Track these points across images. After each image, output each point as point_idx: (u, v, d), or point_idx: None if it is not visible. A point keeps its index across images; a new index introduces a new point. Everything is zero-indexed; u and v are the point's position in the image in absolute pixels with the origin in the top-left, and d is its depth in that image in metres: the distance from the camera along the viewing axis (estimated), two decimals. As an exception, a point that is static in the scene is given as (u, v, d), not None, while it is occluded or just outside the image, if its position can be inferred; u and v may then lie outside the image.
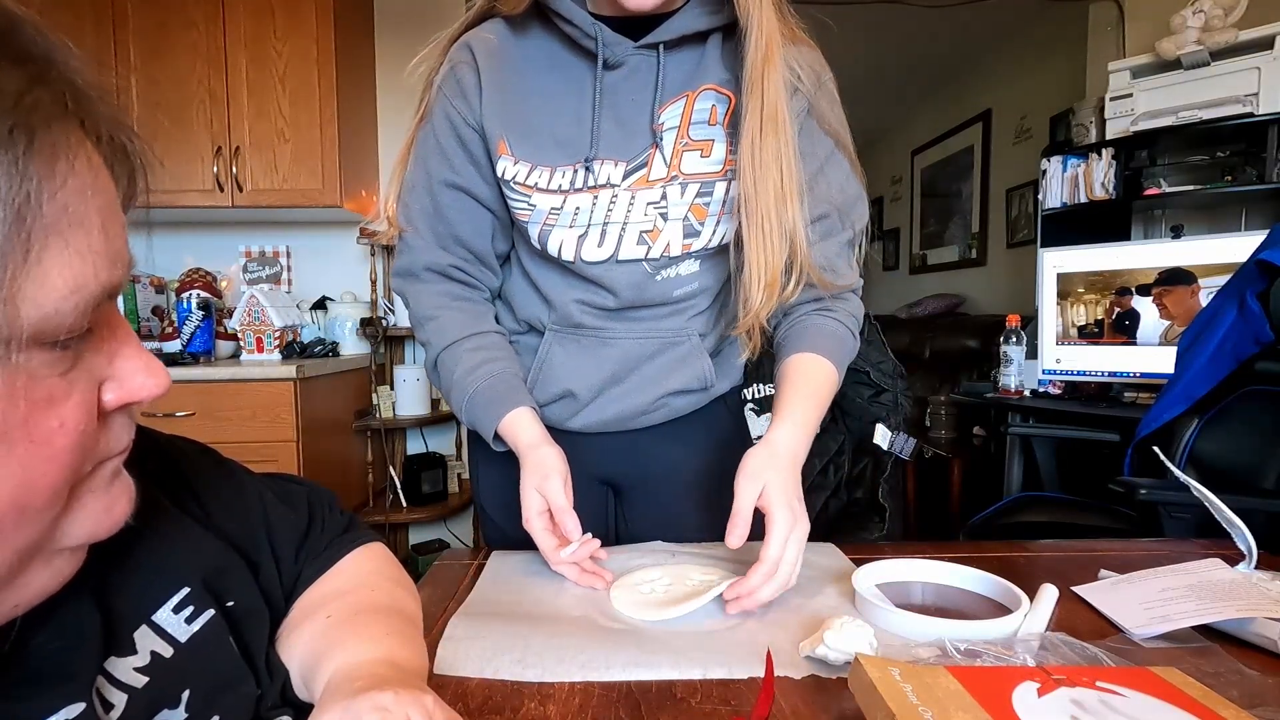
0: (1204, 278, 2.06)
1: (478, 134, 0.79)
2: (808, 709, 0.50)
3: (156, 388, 0.33)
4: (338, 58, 2.37)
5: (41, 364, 0.28)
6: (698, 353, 0.88)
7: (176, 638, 0.40)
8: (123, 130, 0.32)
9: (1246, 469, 1.35)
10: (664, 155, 0.77)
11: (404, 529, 2.85)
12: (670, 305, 0.85)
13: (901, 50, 4.18)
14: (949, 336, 3.77)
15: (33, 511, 0.29)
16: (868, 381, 2.04)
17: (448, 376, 0.83)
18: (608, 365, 0.86)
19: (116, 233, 0.30)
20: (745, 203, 0.74)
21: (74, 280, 0.27)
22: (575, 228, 0.79)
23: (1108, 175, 2.62)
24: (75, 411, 0.29)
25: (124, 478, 0.35)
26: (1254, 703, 0.47)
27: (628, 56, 0.75)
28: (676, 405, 0.90)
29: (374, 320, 2.58)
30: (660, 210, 0.78)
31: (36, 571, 0.31)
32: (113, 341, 0.32)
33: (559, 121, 0.77)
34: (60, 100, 0.28)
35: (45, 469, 0.28)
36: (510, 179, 0.78)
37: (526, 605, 0.69)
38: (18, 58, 0.26)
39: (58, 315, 0.27)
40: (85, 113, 0.29)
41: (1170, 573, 0.70)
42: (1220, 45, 2.33)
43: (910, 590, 0.70)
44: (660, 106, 0.76)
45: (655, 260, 0.81)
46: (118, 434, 0.33)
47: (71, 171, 0.27)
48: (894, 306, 4.66)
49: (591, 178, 0.77)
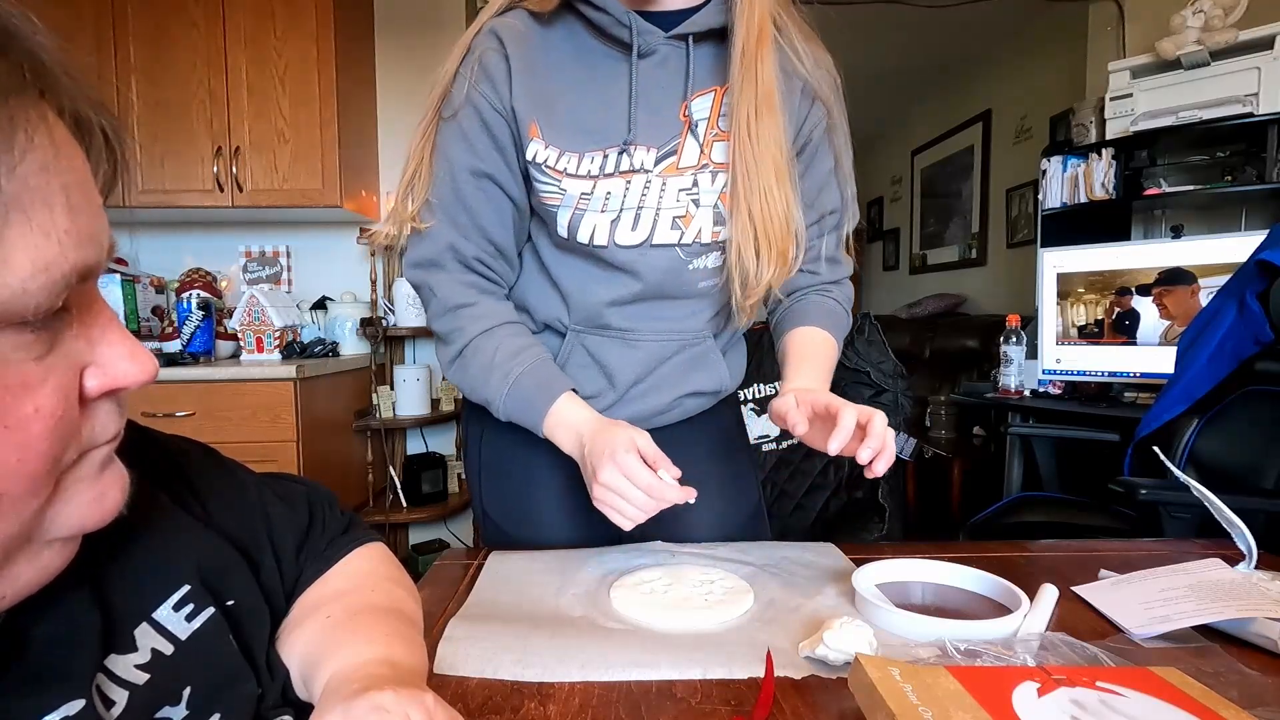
0: (1204, 278, 2.06)
1: (504, 119, 0.78)
2: (808, 709, 0.50)
3: (141, 373, 0.32)
4: (338, 58, 2.37)
5: (12, 348, 0.27)
6: (714, 354, 0.91)
7: (177, 635, 0.39)
8: (96, 107, 0.31)
9: (1246, 469, 1.35)
10: (698, 142, 0.79)
11: (404, 529, 2.85)
12: (690, 301, 0.86)
13: (901, 50, 4.17)
14: (949, 336, 3.77)
15: (11, 499, 0.28)
16: (868, 381, 2.05)
17: (484, 360, 0.79)
18: (631, 368, 0.87)
19: (89, 213, 0.29)
20: (747, 180, 0.76)
21: (40, 258, 0.26)
22: (607, 212, 0.79)
23: (1108, 175, 2.62)
24: (51, 397, 0.28)
25: (116, 467, 0.34)
26: (1254, 703, 0.47)
27: (659, 45, 0.77)
28: (689, 406, 0.92)
29: (374, 320, 2.58)
30: (692, 196, 0.80)
31: (24, 563, 0.30)
32: (94, 327, 0.31)
33: (587, 109, 0.78)
34: (18, 72, 0.26)
35: (22, 456, 0.27)
36: (541, 163, 0.78)
37: (526, 605, 0.69)
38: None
39: (25, 294, 0.26)
40: (48, 86, 0.28)
41: (1170, 573, 0.70)
42: (1220, 45, 2.33)
43: (910, 590, 0.70)
44: (691, 96, 0.78)
45: (688, 246, 0.82)
46: (104, 422, 0.32)
47: (30, 146, 0.26)
48: (894, 306, 4.66)
49: (627, 160, 0.78)
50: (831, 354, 0.85)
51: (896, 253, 5.79)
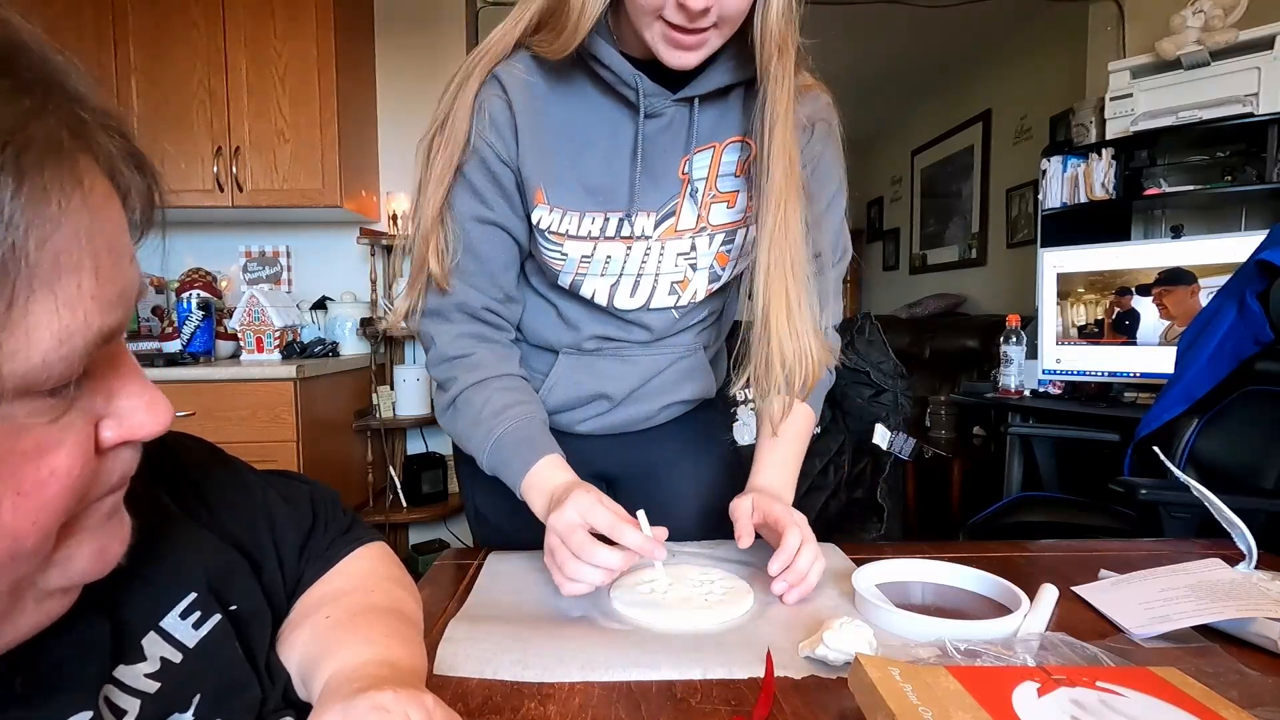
0: (1204, 278, 2.06)
1: (511, 170, 0.77)
2: (808, 709, 0.50)
3: (156, 426, 0.31)
4: (338, 58, 2.37)
5: (29, 414, 0.26)
6: (703, 366, 0.93)
7: (185, 643, 0.39)
8: (136, 156, 0.31)
9: (1246, 469, 1.35)
10: (695, 205, 0.78)
11: (404, 529, 2.85)
12: (683, 335, 0.89)
13: (901, 50, 4.18)
14: (949, 336, 3.77)
15: (21, 558, 0.28)
16: (868, 381, 2.05)
17: (472, 413, 0.78)
18: (624, 381, 0.88)
19: (118, 272, 0.28)
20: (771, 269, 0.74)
21: (63, 330, 0.26)
22: (607, 276, 0.80)
23: (1108, 175, 2.62)
24: (68, 459, 0.28)
25: (120, 517, 0.33)
26: (1254, 703, 0.47)
27: (665, 108, 0.75)
28: (675, 411, 0.94)
29: (374, 320, 2.58)
30: (690, 261, 0.80)
31: (25, 614, 0.30)
32: (114, 379, 0.30)
33: (590, 167, 0.76)
34: (58, 134, 0.26)
35: (35, 518, 0.27)
36: (545, 228, 0.78)
37: (526, 606, 0.69)
38: (14, 90, 0.25)
39: (44, 366, 0.25)
40: (87, 145, 0.28)
41: (1170, 573, 0.70)
42: (1220, 45, 2.33)
43: (910, 590, 0.70)
44: (691, 152, 0.77)
45: (683, 308, 0.84)
46: (118, 468, 0.32)
47: (65, 213, 0.26)
48: (894, 306, 4.66)
49: (628, 227, 0.77)
50: (805, 430, 0.85)
51: (896, 253, 5.79)
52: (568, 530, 0.65)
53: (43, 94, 0.26)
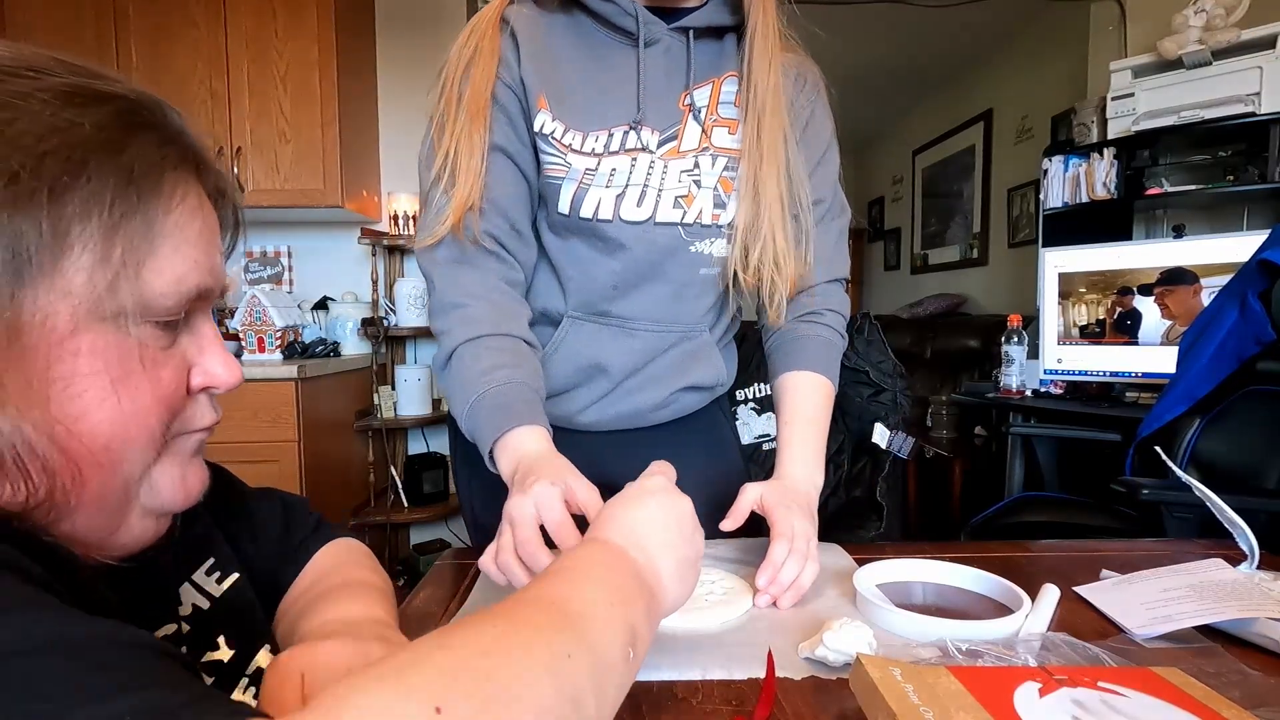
0: (1205, 277, 2.06)
1: (515, 93, 0.79)
2: (809, 709, 0.50)
3: (230, 378, 0.42)
4: (339, 58, 2.37)
5: (150, 336, 0.37)
6: (712, 348, 0.91)
7: (211, 594, 0.49)
8: (231, 189, 0.43)
9: (1248, 469, 1.35)
10: (699, 125, 0.82)
11: (405, 529, 2.85)
12: (689, 289, 0.85)
13: (902, 50, 4.18)
14: (950, 336, 3.77)
15: (134, 447, 0.37)
16: (867, 381, 2.04)
17: (460, 371, 0.75)
18: (627, 358, 0.86)
19: (211, 251, 0.40)
20: (758, 186, 0.80)
21: (177, 273, 0.37)
22: (612, 188, 0.80)
23: (1109, 175, 2.61)
24: (170, 377, 0.38)
25: (200, 460, 0.43)
26: (1256, 703, 0.47)
27: (662, 35, 0.81)
28: (685, 403, 0.92)
29: (375, 320, 2.58)
30: (694, 177, 0.82)
31: (135, 521, 0.39)
32: (202, 339, 0.41)
33: (594, 93, 0.80)
34: (184, 156, 0.39)
35: (146, 412, 0.37)
36: (548, 134, 0.79)
37: (527, 605, 0.68)
38: (159, 127, 0.38)
39: (163, 298, 0.37)
40: (200, 168, 0.40)
41: (1172, 573, 0.70)
42: (1222, 45, 2.33)
43: (911, 590, 0.70)
44: (691, 87, 0.82)
45: (690, 226, 0.83)
46: (202, 411, 0.42)
47: (184, 202, 0.38)
48: (895, 306, 4.66)
49: (634, 138, 0.80)
50: (827, 404, 0.85)
51: (897, 252, 5.79)
52: (520, 521, 0.61)
53: (178, 132, 0.40)
